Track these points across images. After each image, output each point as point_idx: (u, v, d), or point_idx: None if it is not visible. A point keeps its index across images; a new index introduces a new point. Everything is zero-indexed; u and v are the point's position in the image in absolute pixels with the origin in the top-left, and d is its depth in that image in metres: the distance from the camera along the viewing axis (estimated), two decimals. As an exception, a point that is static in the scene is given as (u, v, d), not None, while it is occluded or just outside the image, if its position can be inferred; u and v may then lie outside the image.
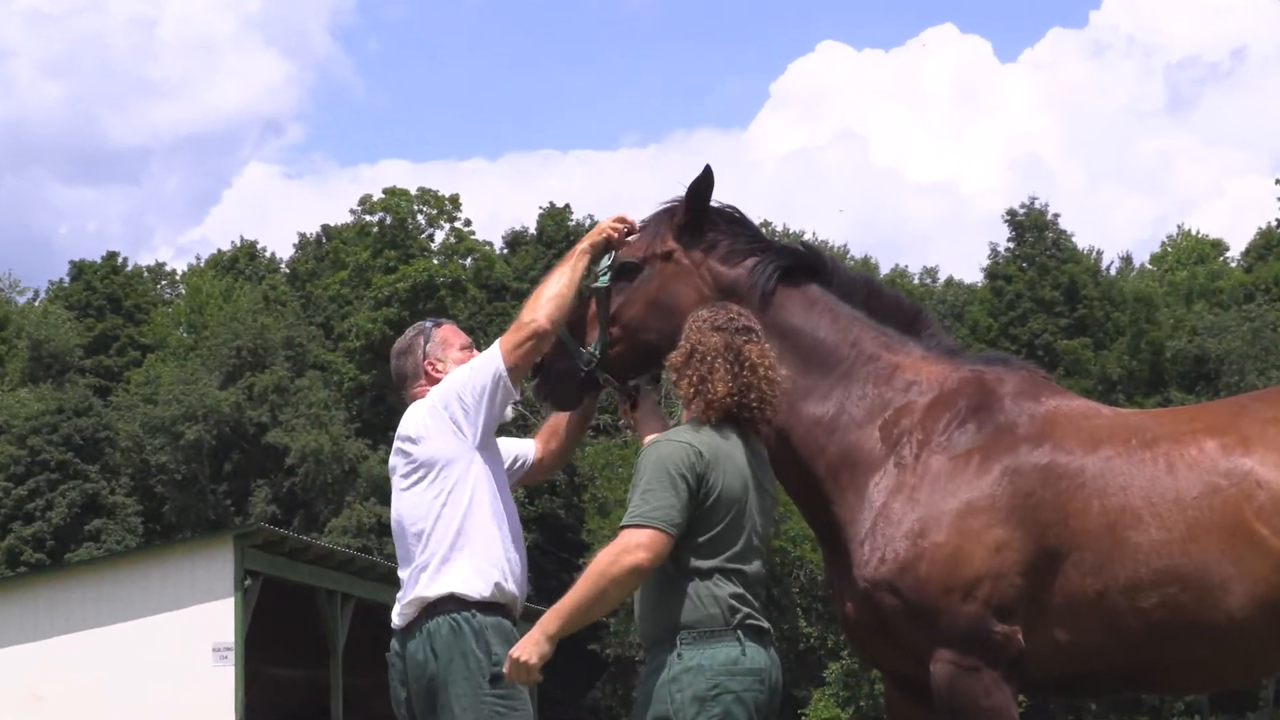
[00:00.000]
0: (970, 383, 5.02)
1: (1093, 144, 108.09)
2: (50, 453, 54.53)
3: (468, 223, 62.97)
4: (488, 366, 5.07)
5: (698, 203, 5.13)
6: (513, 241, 65.34)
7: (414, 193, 61.83)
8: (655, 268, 5.12)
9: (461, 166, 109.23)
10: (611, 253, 5.17)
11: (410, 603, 5.05)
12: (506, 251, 64.90)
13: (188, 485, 56.26)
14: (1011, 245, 58.90)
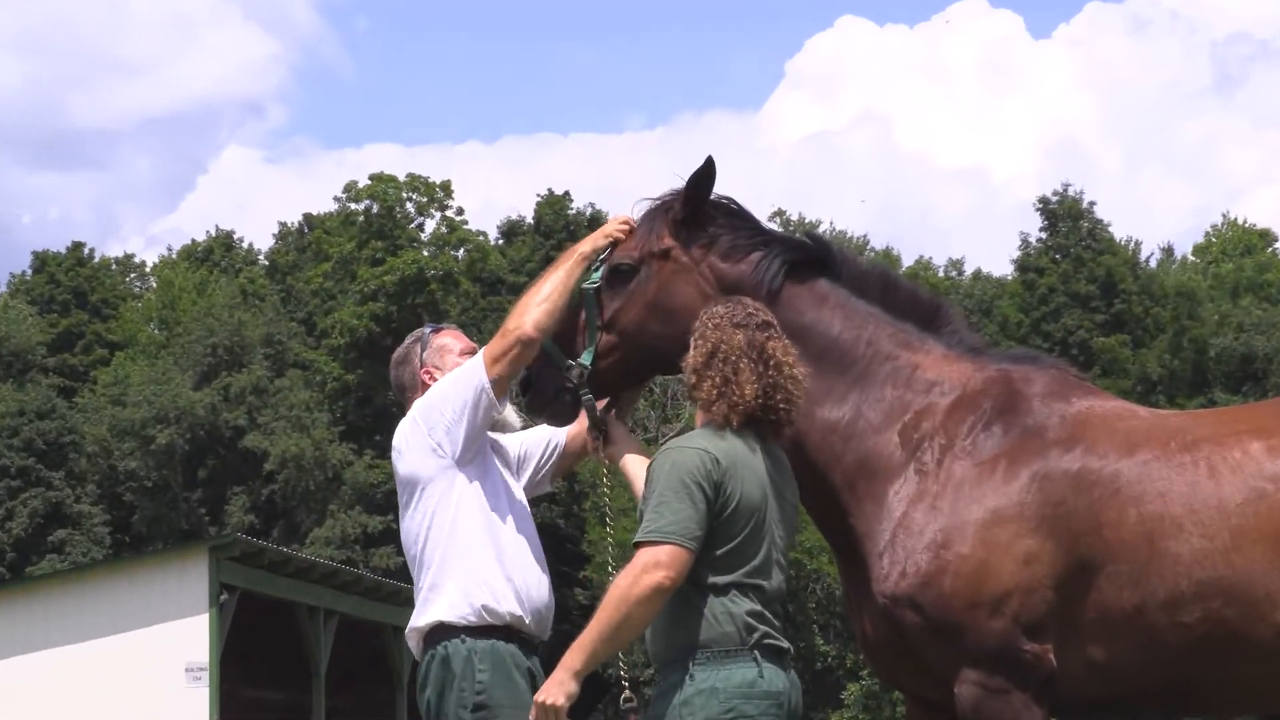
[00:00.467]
0: (996, 382, 5.02)
1: (1132, 126, 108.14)
2: (10, 458, 54.58)
3: (460, 211, 63.03)
4: (469, 378, 5.11)
5: (698, 196, 5.13)
6: (509, 231, 65.36)
7: (403, 179, 61.88)
8: (652, 268, 5.12)
9: (455, 151, 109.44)
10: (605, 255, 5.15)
11: (411, 634, 5.23)
12: (502, 242, 64.93)
13: (159, 493, 56.31)
14: (1044, 235, 58.88)
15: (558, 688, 4.42)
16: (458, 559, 5.10)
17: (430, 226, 62.72)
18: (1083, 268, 56.72)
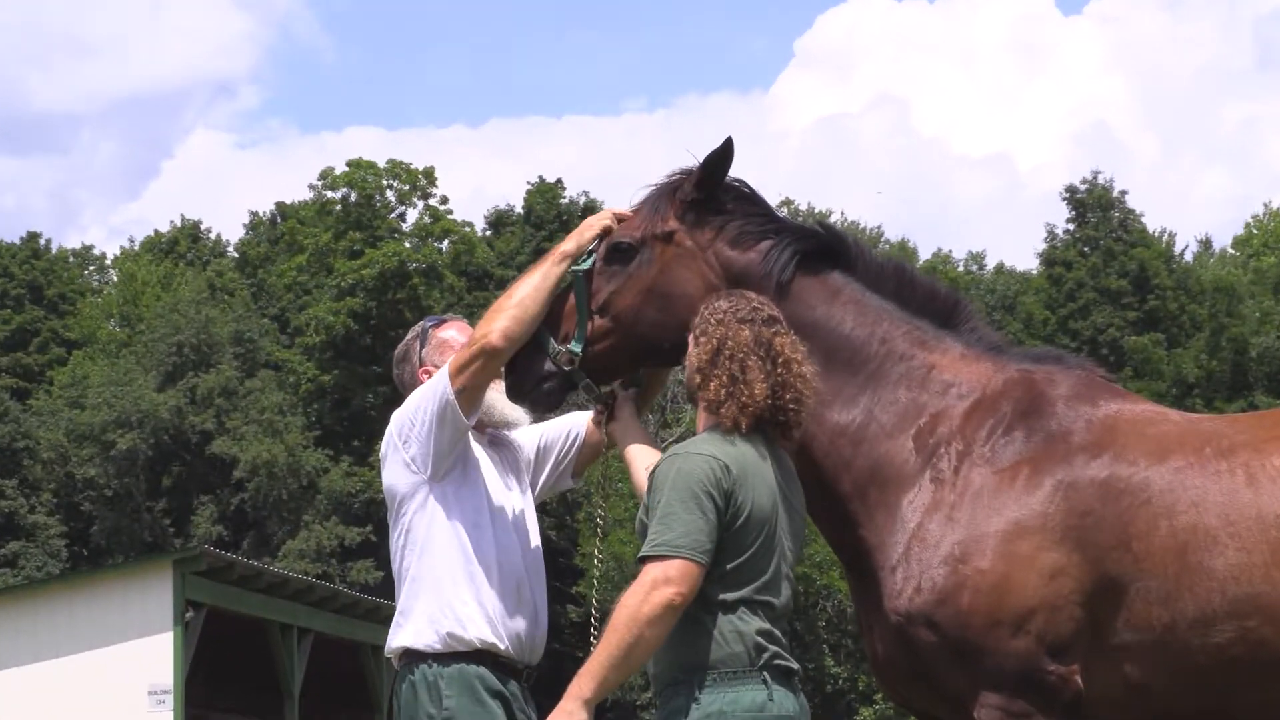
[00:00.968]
0: (1017, 384, 5.02)
1: (1168, 110, 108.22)
2: (-38, 465, 54.62)
3: (444, 200, 63.07)
4: (433, 391, 5.13)
5: (712, 179, 5.13)
6: (496, 222, 65.41)
7: (383, 165, 61.90)
8: (654, 250, 5.11)
9: (440, 135, 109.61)
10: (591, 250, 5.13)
11: (389, 657, 5.29)
12: (489, 233, 64.97)
13: (119, 503, 56.31)
14: (1071, 227, 58.94)
15: (566, 719, 4.40)
16: (427, 582, 5.16)
17: (412, 216, 62.79)
18: (1113, 261, 56.77)
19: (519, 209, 64.43)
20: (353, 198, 61.18)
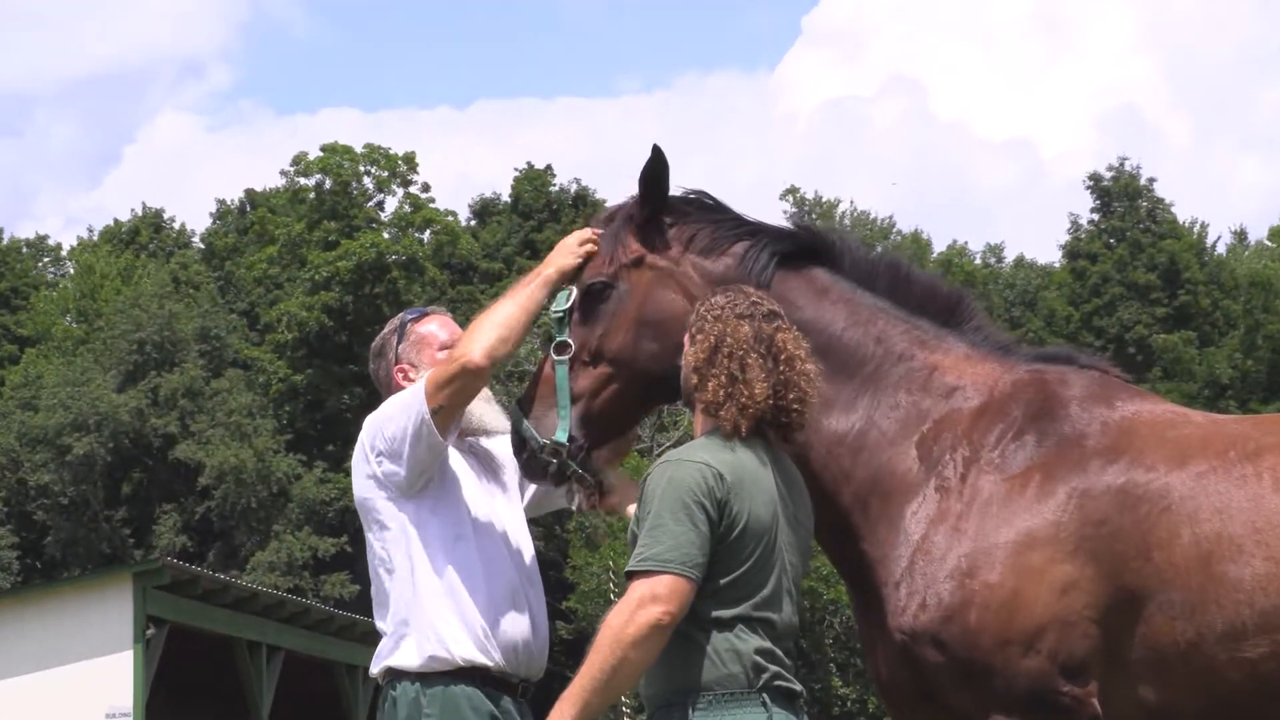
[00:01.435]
0: (1027, 385, 5.04)
1: (1200, 93, 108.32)
2: (-93, 471, 54.64)
3: (426, 187, 63.18)
4: (410, 406, 5.13)
5: (656, 193, 5.16)
6: (481, 211, 65.50)
7: (360, 150, 61.95)
8: (629, 281, 5.15)
9: (422, 117, 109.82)
10: (568, 288, 5.14)
11: (373, 677, 5.33)
12: (474, 223, 65.05)
13: (76, 511, 56.32)
14: (1096, 217, 59.07)
15: None
16: (409, 602, 5.18)
17: (391, 205, 62.89)
18: (1141, 254, 56.87)
19: (506, 197, 64.50)
20: (327, 185, 61.23)
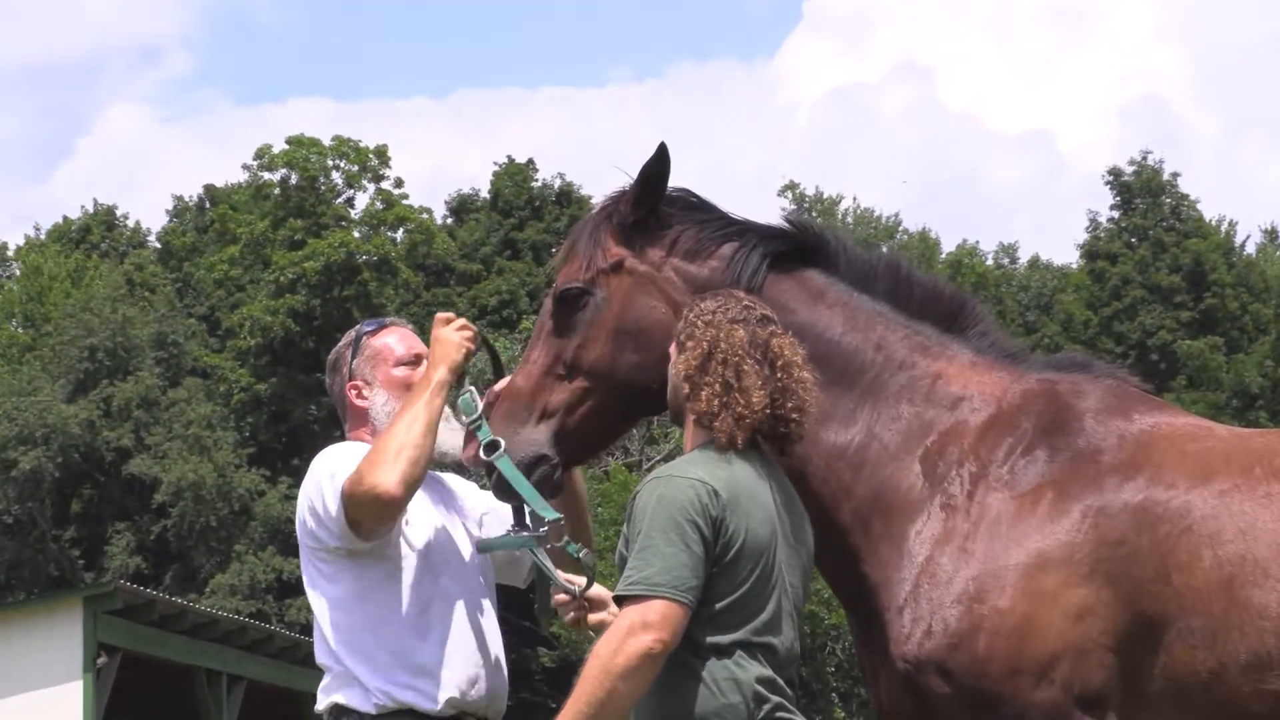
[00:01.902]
0: (1038, 396, 5.05)
1: (1227, 84, 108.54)
2: None
3: (400, 183, 63.15)
4: (328, 500, 5.10)
5: (652, 195, 5.16)
6: (459, 208, 65.54)
7: (328, 143, 61.93)
8: (607, 287, 5.15)
9: (397, 108, 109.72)
10: (466, 390, 5.10)
11: (319, 713, 5.39)
12: (451, 222, 65.05)
13: (22, 531, 56.22)
14: (1117, 215, 59.15)
15: None
16: (355, 641, 5.18)
17: (362, 201, 62.86)
18: (1165, 254, 56.95)
19: (485, 194, 64.52)
20: (293, 180, 61.19)
